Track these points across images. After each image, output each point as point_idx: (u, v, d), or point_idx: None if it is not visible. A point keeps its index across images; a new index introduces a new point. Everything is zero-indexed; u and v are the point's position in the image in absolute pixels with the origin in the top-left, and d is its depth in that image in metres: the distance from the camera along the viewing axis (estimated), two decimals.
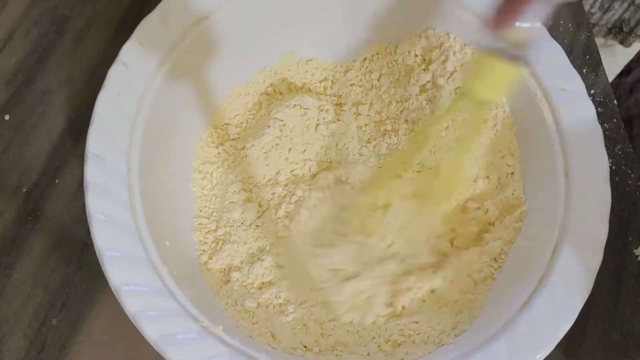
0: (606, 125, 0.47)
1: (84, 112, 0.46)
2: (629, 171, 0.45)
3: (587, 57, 0.49)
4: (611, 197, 0.37)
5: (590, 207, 0.37)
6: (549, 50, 0.41)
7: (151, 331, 0.33)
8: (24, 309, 0.40)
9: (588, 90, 0.40)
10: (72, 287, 0.41)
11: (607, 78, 0.49)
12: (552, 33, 0.42)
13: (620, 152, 0.46)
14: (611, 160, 0.45)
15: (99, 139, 0.37)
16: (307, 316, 0.39)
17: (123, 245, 0.35)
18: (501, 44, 0.30)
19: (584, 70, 0.48)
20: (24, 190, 0.44)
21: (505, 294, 0.38)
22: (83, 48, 0.48)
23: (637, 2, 0.92)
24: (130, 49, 0.40)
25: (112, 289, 0.34)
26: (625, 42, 1.00)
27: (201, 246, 0.41)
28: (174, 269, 0.37)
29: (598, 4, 0.94)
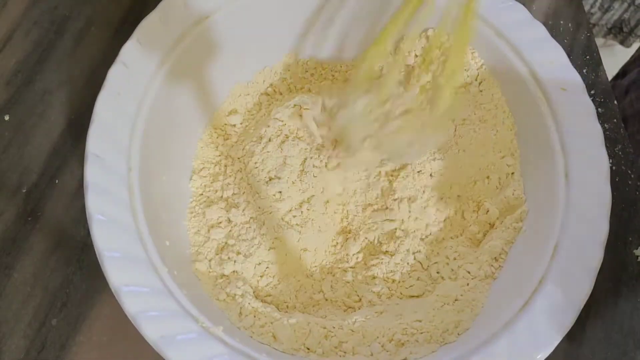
0: (606, 125, 0.47)
1: (84, 112, 0.46)
2: (629, 171, 0.45)
3: (587, 57, 0.49)
4: (611, 197, 0.37)
5: (590, 207, 0.37)
6: (549, 50, 0.42)
7: (151, 331, 0.33)
8: (24, 309, 0.40)
9: (588, 90, 0.40)
10: (72, 287, 0.41)
11: (607, 78, 0.49)
12: (552, 33, 0.42)
13: (620, 152, 0.46)
14: (611, 160, 0.45)
15: (99, 139, 0.37)
16: (310, 318, 0.39)
17: (123, 246, 0.35)
18: None
19: (584, 70, 0.48)
20: (24, 191, 0.44)
21: (506, 293, 0.38)
22: (83, 48, 0.48)
23: (637, 2, 0.92)
24: (130, 49, 0.40)
25: (112, 289, 0.34)
26: (625, 42, 1.00)
27: (201, 247, 0.41)
28: (174, 270, 0.37)
29: (598, 4, 0.94)
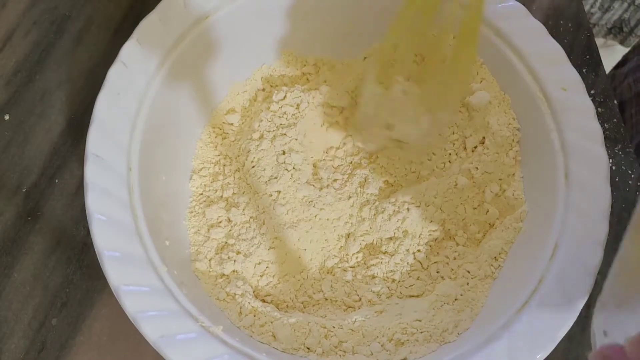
0: (606, 125, 0.47)
1: (84, 112, 0.46)
2: (629, 171, 0.45)
3: (587, 57, 0.49)
4: (611, 197, 0.37)
5: (590, 207, 0.37)
6: (549, 50, 0.41)
7: (151, 331, 0.33)
8: (24, 309, 0.40)
9: (588, 90, 0.40)
10: (72, 287, 0.41)
11: (607, 78, 0.49)
12: (552, 33, 0.42)
13: (620, 152, 0.46)
14: (611, 160, 0.45)
15: (99, 139, 0.37)
16: (310, 318, 0.39)
17: (123, 245, 0.35)
18: None
19: (584, 70, 0.48)
20: (24, 190, 0.44)
21: (506, 293, 0.38)
22: (83, 48, 0.48)
23: (637, 2, 0.92)
24: (130, 49, 0.40)
25: (111, 289, 0.34)
26: (625, 42, 1.00)
27: (201, 246, 0.41)
28: (173, 269, 0.37)
29: (598, 4, 0.94)
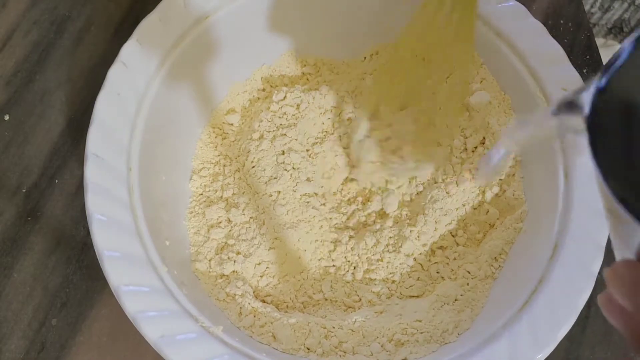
0: None
1: (84, 112, 0.46)
2: None
3: (587, 57, 0.49)
4: None
5: (590, 207, 0.37)
6: (549, 50, 0.41)
7: (151, 331, 0.33)
8: (24, 309, 0.40)
9: None
10: (72, 287, 0.41)
11: None
12: (552, 33, 0.42)
13: None
14: None
15: (99, 139, 0.37)
16: (310, 318, 0.39)
17: (123, 246, 0.35)
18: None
19: (584, 70, 0.48)
20: (24, 190, 0.44)
21: (506, 293, 0.38)
22: (83, 48, 0.48)
23: (637, 2, 0.92)
24: (130, 49, 0.40)
25: (111, 289, 0.34)
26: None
27: (201, 246, 0.41)
28: (173, 269, 0.37)
29: (598, 4, 0.94)
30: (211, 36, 0.43)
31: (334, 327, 0.38)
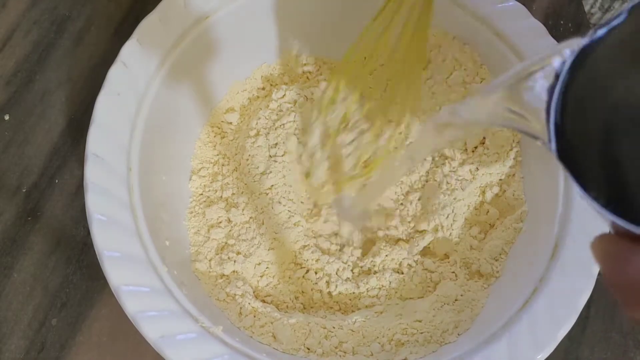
0: None
1: (84, 112, 0.46)
2: None
3: None
4: None
5: (590, 207, 0.37)
6: (549, 51, 0.41)
7: (151, 331, 0.33)
8: (24, 309, 0.40)
9: None
10: (72, 287, 0.41)
11: None
12: (552, 33, 0.42)
13: None
14: None
15: (99, 139, 0.37)
16: (310, 318, 0.39)
17: (123, 246, 0.35)
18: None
19: None
20: (24, 190, 0.44)
21: (506, 293, 0.38)
22: (83, 48, 0.48)
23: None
24: (130, 49, 0.40)
25: (111, 289, 0.34)
26: None
27: (201, 246, 0.41)
28: (173, 269, 0.37)
29: (598, 4, 0.94)
30: (211, 36, 0.43)
31: (334, 327, 0.38)
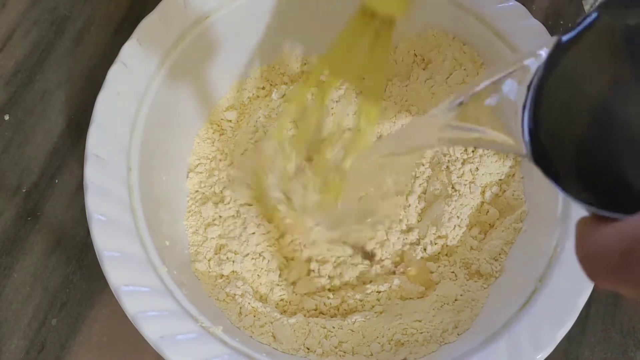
0: None
1: (84, 112, 0.46)
2: None
3: None
4: None
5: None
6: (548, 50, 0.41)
7: (151, 332, 0.33)
8: (24, 309, 0.40)
9: None
10: (72, 287, 0.41)
11: None
12: (552, 33, 0.42)
13: None
14: None
15: (99, 139, 0.37)
16: (310, 318, 0.39)
17: (123, 246, 0.35)
18: None
19: None
20: (24, 190, 0.44)
21: (506, 293, 0.38)
22: (83, 48, 0.48)
23: None
24: (130, 49, 0.40)
25: (111, 289, 0.34)
26: None
27: (200, 246, 0.41)
28: (173, 270, 0.37)
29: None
30: (211, 36, 0.43)
31: (334, 327, 0.38)
